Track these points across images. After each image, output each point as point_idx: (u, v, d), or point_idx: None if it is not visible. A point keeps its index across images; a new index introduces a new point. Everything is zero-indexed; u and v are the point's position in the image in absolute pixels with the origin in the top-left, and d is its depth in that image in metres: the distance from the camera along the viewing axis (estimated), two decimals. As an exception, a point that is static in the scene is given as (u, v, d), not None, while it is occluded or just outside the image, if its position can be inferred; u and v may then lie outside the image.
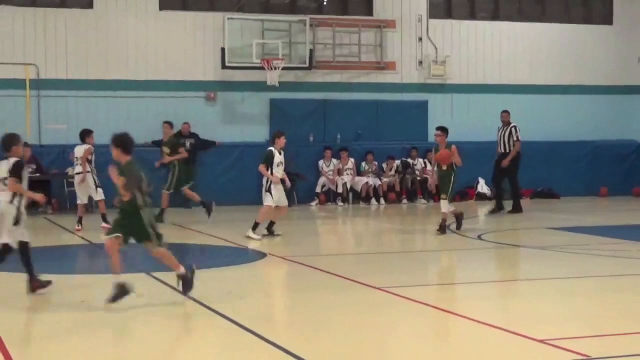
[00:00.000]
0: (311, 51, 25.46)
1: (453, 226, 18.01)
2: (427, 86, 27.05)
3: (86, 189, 18.53)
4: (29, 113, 23.62)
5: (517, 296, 11.51)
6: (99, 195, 18.51)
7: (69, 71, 24.07)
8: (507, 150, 21.90)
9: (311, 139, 25.79)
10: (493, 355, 8.10)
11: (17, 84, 23.54)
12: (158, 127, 24.04)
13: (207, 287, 11.12)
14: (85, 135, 18.72)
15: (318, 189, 25.08)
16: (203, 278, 12.77)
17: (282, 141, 16.85)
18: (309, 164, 25.20)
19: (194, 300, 10.47)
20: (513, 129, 21.87)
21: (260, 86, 24.89)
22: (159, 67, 24.71)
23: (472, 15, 27.74)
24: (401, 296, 10.74)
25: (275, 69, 24.45)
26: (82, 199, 18.62)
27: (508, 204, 22.01)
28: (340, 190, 25.04)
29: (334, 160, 25.30)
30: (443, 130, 17.89)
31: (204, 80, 25.08)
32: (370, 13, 26.76)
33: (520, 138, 21.92)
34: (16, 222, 10.74)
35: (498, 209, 22.01)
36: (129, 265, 13.97)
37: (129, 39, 24.53)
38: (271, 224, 17.08)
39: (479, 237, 17.14)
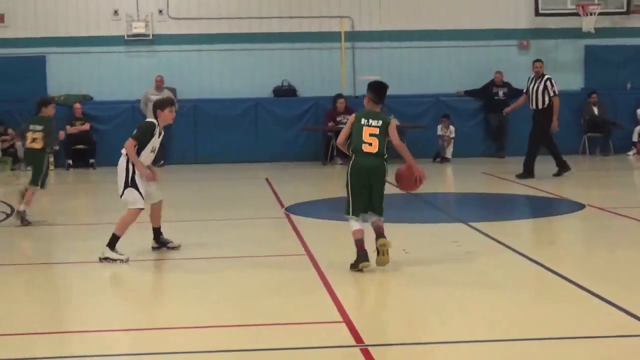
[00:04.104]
0: (630, -6, 24.44)
1: None
2: None
3: None
4: (345, 65, 24.19)
5: None
6: None
7: (382, 22, 24.38)
8: (541, 107, 17.90)
9: (628, 86, 24.82)
10: None
11: (332, 36, 24.13)
12: (469, 76, 24.02)
13: (525, 237, 11.03)
14: None
15: (635, 138, 24.06)
16: (525, 228, 12.73)
17: (167, 115, 10.46)
18: (626, 112, 24.28)
19: (512, 249, 10.41)
20: (548, 82, 17.94)
21: (574, 33, 24.19)
22: (470, 15, 24.48)
23: None
24: None
25: (591, 14, 23.71)
26: None
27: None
28: (661, 139, 23.98)
29: (653, 108, 24.24)
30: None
31: (516, 28, 24.63)
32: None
33: (557, 92, 17.93)
34: None
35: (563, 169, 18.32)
36: (446, 215, 14.12)
37: (440, -13, 24.48)
38: (157, 232, 10.89)
39: None
